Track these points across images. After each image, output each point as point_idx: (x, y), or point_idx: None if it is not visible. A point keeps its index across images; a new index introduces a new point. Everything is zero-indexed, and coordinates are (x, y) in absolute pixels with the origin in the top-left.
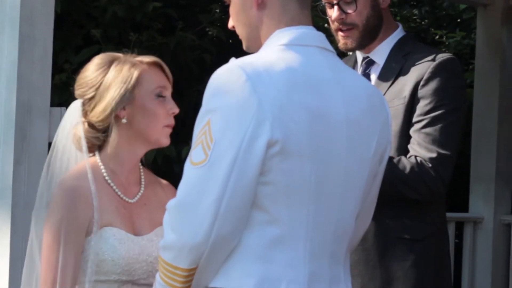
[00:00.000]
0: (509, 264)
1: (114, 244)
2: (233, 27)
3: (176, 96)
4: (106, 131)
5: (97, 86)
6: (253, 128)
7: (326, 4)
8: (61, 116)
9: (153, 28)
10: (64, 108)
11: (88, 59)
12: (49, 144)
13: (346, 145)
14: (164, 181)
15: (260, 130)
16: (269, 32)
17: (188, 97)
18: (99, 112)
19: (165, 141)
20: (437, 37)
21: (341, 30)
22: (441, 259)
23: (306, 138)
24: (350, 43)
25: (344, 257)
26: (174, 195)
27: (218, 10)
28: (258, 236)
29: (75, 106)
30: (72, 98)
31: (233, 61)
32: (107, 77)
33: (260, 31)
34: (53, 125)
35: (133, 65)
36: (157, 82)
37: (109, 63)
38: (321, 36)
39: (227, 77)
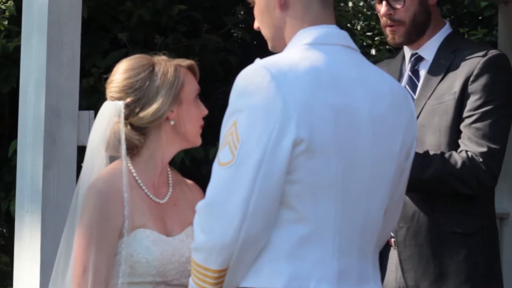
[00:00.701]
0: None
1: (148, 245)
2: (258, 28)
3: (202, 97)
4: (144, 133)
5: (144, 88)
6: (279, 128)
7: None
8: (89, 120)
9: (179, 31)
10: (93, 111)
11: (115, 63)
12: (78, 148)
13: (372, 142)
14: (189, 181)
15: (285, 130)
16: (292, 32)
17: (214, 99)
18: (151, 113)
19: (200, 141)
20: (461, 33)
21: (389, 25)
22: (491, 252)
23: (332, 136)
24: (397, 38)
25: (373, 253)
26: (200, 194)
27: (242, 12)
28: (287, 234)
29: (113, 108)
30: (101, 101)
31: (258, 61)
32: (155, 80)
33: (284, 31)
34: (82, 128)
35: (176, 68)
36: (195, 85)
37: (152, 66)
38: (344, 34)
39: (252, 78)
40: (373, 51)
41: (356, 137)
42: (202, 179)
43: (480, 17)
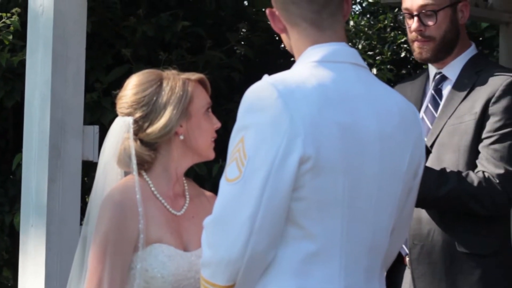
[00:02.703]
0: None
1: (163, 260)
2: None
3: None
4: (155, 148)
5: (151, 103)
6: (286, 145)
7: (406, 14)
8: (94, 135)
9: (182, 47)
10: (97, 126)
11: (119, 78)
12: (83, 162)
13: (379, 160)
14: (208, 193)
15: (292, 147)
16: (302, 49)
17: (217, 116)
18: (159, 129)
19: (213, 154)
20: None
21: (418, 40)
22: (507, 274)
23: (338, 154)
24: (425, 54)
25: (380, 272)
26: None
27: (245, 29)
28: (293, 251)
29: (122, 124)
30: (104, 116)
31: (265, 78)
32: (162, 95)
33: (293, 49)
34: (87, 143)
35: (184, 82)
36: (205, 98)
37: (160, 81)
38: (353, 52)
39: (259, 95)
40: (374, 71)
41: (363, 155)
42: None
43: (481, 38)
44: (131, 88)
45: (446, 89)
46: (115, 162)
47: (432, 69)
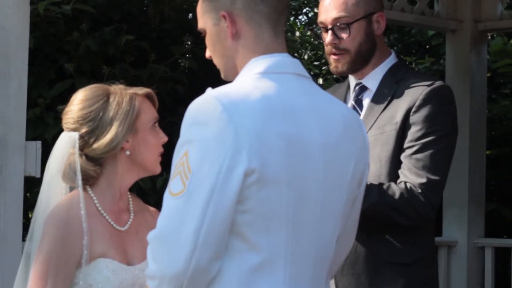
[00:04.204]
0: (484, 286)
1: (107, 275)
2: (210, 57)
3: None
4: (100, 163)
5: (97, 119)
6: (230, 158)
7: (322, 28)
8: (36, 150)
9: (126, 61)
10: (40, 142)
11: (62, 93)
12: (25, 178)
13: (323, 171)
14: (152, 208)
15: (237, 160)
16: (244, 61)
17: (162, 129)
18: (105, 144)
19: (159, 169)
20: (406, 63)
21: (333, 53)
22: (430, 283)
23: (283, 166)
24: (341, 67)
25: (325, 280)
26: None
27: (189, 42)
28: (239, 264)
29: (68, 139)
30: (47, 132)
31: (209, 91)
32: (109, 110)
33: (236, 60)
34: (29, 158)
35: (131, 97)
36: (152, 113)
37: (106, 96)
38: (296, 62)
39: (203, 108)
40: (320, 81)
41: (308, 166)
42: None
43: (427, 46)
44: (77, 104)
45: (366, 100)
46: (60, 177)
47: (353, 80)
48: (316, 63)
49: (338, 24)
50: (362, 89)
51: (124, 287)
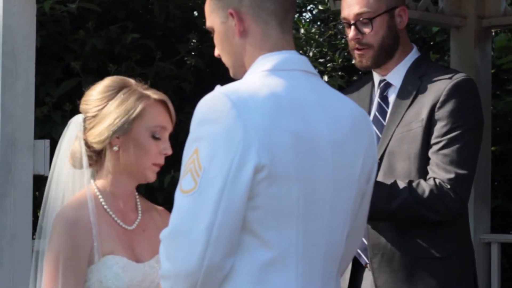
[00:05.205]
0: (490, 281)
1: (117, 272)
2: (219, 55)
3: None
4: (100, 153)
5: (100, 107)
6: (240, 155)
7: (345, 23)
8: (45, 149)
9: (132, 59)
10: (48, 140)
11: (68, 92)
12: (34, 176)
13: (332, 167)
14: (159, 207)
15: (247, 156)
16: (252, 59)
17: None
18: (95, 134)
19: (151, 178)
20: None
21: (356, 48)
22: (466, 275)
23: (292, 162)
24: (365, 61)
25: (336, 276)
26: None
27: (195, 40)
28: (250, 260)
29: (76, 120)
30: (54, 130)
31: (218, 88)
32: (111, 103)
33: (244, 58)
34: (37, 157)
35: (140, 97)
36: (157, 121)
37: (118, 89)
38: (304, 59)
39: (212, 105)
40: (325, 78)
41: (317, 163)
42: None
43: (432, 43)
44: (93, 89)
45: (392, 97)
46: (68, 159)
47: (377, 77)
48: (321, 60)
49: (360, 19)
50: (387, 85)
51: (134, 284)
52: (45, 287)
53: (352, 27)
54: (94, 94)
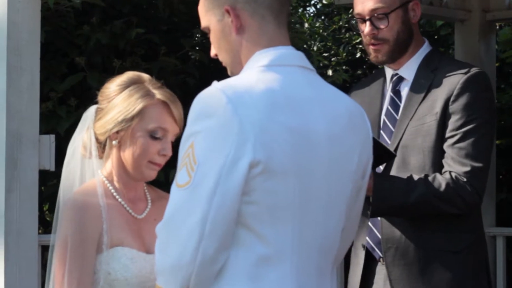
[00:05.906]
0: (496, 275)
1: (126, 263)
2: (216, 55)
3: None
4: (105, 145)
5: (109, 100)
6: (235, 150)
7: (358, 19)
8: (50, 144)
9: (136, 54)
10: (53, 135)
11: (73, 87)
12: (40, 171)
13: (328, 162)
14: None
15: (242, 152)
16: (249, 55)
17: None
18: (98, 126)
19: (148, 176)
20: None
21: (372, 44)
22: (481, 268)
23: (288, 157)
24: (381, 56)
25: (331, 270)
26: None
27: (199, 35)
28: (246, 255)
29: (91, 110)
30: (59, 125)
31: (214, 84)
32: (118, 97)
33: (241, 55)
34: (43, 152)
35: (144, 96)
36: (158, 122)
37: (129, 84)
38: (300, 55)
39: (208, 101)
40: (329, 72)
41: (313, 158)
42: None
43: (436, 36)
44: (110, 82)
45: (404, 90)
46: (80, 148)
47: (388, 71)
48: (325, 54)
49: (375, 14)
50: (399, 79)
51: (143, 275)
52: (57, 273)
53: (367, 22)
54: (108, 87)
